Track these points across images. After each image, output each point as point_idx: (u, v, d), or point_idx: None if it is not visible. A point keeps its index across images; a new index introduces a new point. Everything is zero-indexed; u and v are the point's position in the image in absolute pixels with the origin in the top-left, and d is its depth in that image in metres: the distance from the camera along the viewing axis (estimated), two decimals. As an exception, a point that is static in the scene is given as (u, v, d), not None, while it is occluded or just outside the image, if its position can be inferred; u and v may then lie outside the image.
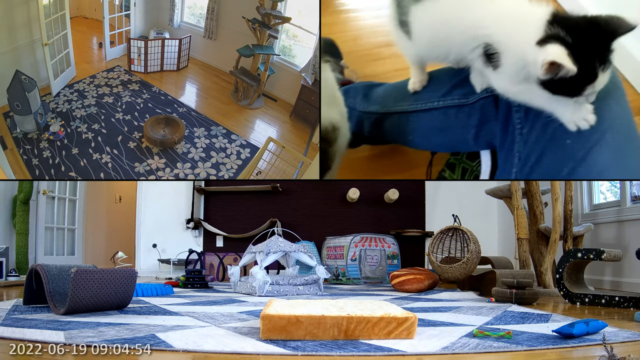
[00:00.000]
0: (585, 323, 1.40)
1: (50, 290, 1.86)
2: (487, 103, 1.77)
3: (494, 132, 1.78)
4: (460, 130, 1.85)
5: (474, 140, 1.85)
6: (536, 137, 1.61)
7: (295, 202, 4.80)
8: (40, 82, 3.26)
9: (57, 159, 2.95)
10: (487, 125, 1.79)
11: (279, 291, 2.77)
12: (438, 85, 1.91)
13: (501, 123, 1.74)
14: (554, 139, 1.58)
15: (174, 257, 4.68)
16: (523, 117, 1.67)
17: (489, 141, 1.83)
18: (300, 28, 3.65)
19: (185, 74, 4.00)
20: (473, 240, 2.98)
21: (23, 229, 4.07)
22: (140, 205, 4.99)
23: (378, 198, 4.75)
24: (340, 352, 1.17)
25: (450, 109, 1.85)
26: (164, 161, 3.07)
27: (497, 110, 1.75)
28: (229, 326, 1.56)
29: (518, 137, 1.67)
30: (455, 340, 1.34)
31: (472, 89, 1.82)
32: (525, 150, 1.64)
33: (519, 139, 1.67)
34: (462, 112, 1.82)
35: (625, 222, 3.19)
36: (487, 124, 1.79)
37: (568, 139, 1.54)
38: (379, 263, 4.00)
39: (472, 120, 1.81)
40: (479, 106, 1.78)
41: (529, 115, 1.65)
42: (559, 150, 1.56)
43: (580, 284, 2.60)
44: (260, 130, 3.46)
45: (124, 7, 3.86)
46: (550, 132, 1.58)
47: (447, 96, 1.86)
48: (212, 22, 3.94)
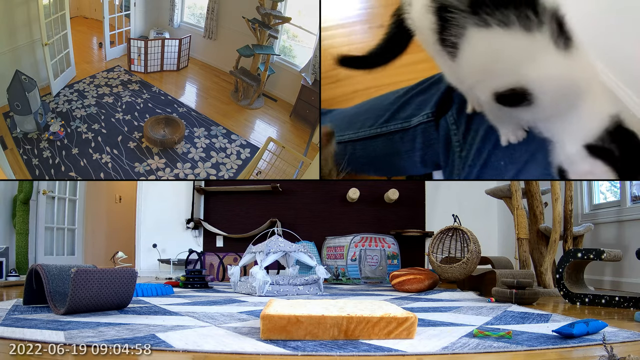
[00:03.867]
0: (585, 323, 1.40)
1: (50, 290, 1.86)
2: (428, 127, 1.86)
3: (438, 154, 1.87)
4: (407, 154, 1.93)
5: (421, 164, 1.94)
6: (472, 161, 1.72)
7: (295, 202, 4.79)
8: (40, 82, 3.26)
9: (57, 159, 2.95)
10: (431, 148, 1.88)
11: (279, 291, 2.77)
12: (380, 112, 1.96)
13: (443, 145, 1.84)
14: (488, 161, 1.69)
15: (174, 257, 4.68)
16: (461, 140, 1.77)
17: (435, 162, 1.91)
18: (300, 28, 3.65)
19: (185, 74, 3.99)
20: (473, 240, 2.98)
21: (23, 229, 4.07)
22: (140, 205, 4.99)
23: (378, 198, 4.75)
24: (340, 352, 1.17)
25: (395, 134, 1.92)
26: (164, 161, 3.07)
27: (438, 134, 1.84)
28: (229, 326, 1.56)
29: (457, 160, 1.78)
30: (455, 340, 1.34)
31: (412, 112, 1.89)
32: (464, 172, 1.75)
33: (457, 161, 1.77)
34: (407, 136, 1.90)
35: (625, 222, 3.19)
36: (431, 146, 1.87)
37: (501, 161, 1.66)
38: (379, 263, 4.00)
39: (417, 144, 1.89)
40: (420, 130, 1.87)
41: (467, 139, 1.75)
42: (493, 172, 1.67)
43: (580, 284, 2.60)
44: (260, 130, 3.45)
45: (124, 7, 3.85)
46: (485, 155, 1.69)
47: (391, 121, 1.92)
48: (212, 22, 3.94)
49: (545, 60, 1.46)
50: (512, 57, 1.49)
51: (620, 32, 2.00)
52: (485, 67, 1.55)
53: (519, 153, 1.65)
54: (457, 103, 1.82)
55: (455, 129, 1.79)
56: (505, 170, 1.65)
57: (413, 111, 1.89)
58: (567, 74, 1.46)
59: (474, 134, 1.74)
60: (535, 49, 1.46)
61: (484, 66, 1.55)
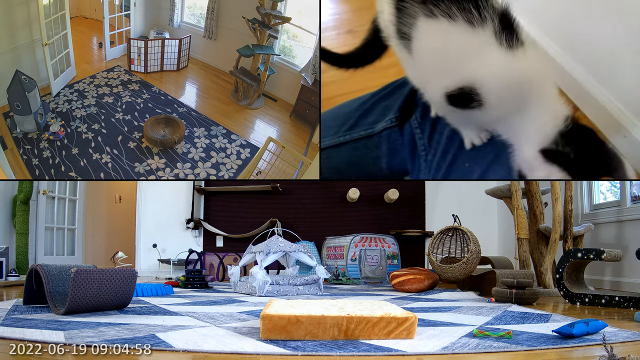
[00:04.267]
0: (585, 323, 1.40)
1: (50, 290, 1.86)
2: (392, 132, 1.83)
3: (404, 159, 1.85)
4: (373, 161, 1.90)
5: (388, 170, 1.91)
6: (437, 164, 1.70)
7: (295, 202, 4.79)
8: (40, 82, 3.26)
9: (57, 159, 2.95)
10: (397, 153, 1.85)
11: (279, 291, 2.77)
12: (344, 119, 1.93)
13: (408, 150, 1.81)
14: (454, 163, 1.67)
15: (174, 257, 4.68)
16: (427, 144, 1.75)
17: (402, 167, 1.89)
18: (300, 28, 3.65)
19: (185, 74, 3.99)
20: (473, 240, 2.98)
21: (23, 229, 4.07)
22: (140, 205, 4.99)
23: (378, 198, 4.75)
24: (340, 352, 1.17)
25: (359, 141, 1.89)
26: (164, 161, 3.07)
27: (403, 139, 1.82)
28: (229, 326, 1.56)
29: (423, 164, 1.76)
30: (455, 340, 1.34)
31: (376, 117, 1.87)
32: (430, 175, 1.73)
33: (423, 166, 1.76)
34: (371, 142, 1.87)
35: (625, 222, 3.19)
36: (396, 152, 1.85)
37: (466, 162, 1.64)
38: (379, 263, 4.00)
39: (382, 150, 1.86)
40: (385, 135, 1.84)
41: (432, 142, 1.73)
42: (459, 173, 1.66)
43: (580, 284, 2.60)
44: (260, 130, 3.45)
45: (124, 7, 3.85)
46: (451, 158, 1.68)
47: (354, 128, 1.89)
48: (212, 22, 3.94)
49: (488, 57, 1.43)
50: (459, 53, 1.47)
51: (585, 18, 1.98)
52: (436, 63, 1.53)
53: (483, 154, 1.63)
54: (420, 107, 1.80)
55: (419, 133, 1.77)
56: (470, 172, 1.64)
57: (377, 117, 1.87)
58: (512, 74, 1.43)
59: (439, 136, 1.72)
60: (478, 45, 1.43)
61: (435, 61, 1.53)
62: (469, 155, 1.64)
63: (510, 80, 1.45)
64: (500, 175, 1.60)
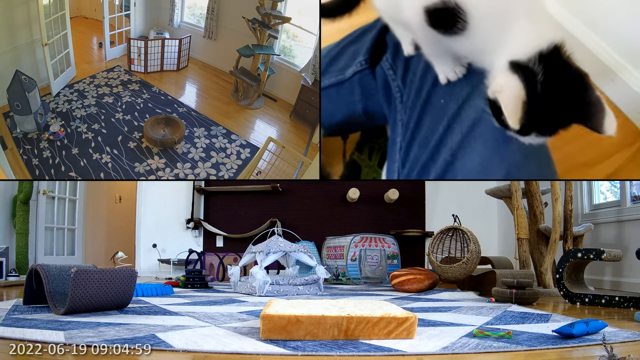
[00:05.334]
0: (585, 323, 1.40)
1: (50, 290, 1.86)
2: (364, 75, 1.76)
3: (380, 104, 1.77)
4: (347, 108, 1.83)
5: (365, 116, 1.84)
6: (412, 103, 1.63)
7: (295, 202, 4.79)
8: (40, 82, 3.26)
9: (57, 159, 2.95)
10: (372, 98, 1.78)
11: (279, 291, 2.77)
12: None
13: (383, 93, 1.74)
14: (429, 101, 1.60)
15: (174, 257, 4.68)
16: (401, 85, 1.68)
17: (381, 113, 1.81)
18: (300, 28, 3.65)
19: (185, 74, 3.99)
20: (473, 240, 2.98)
21: (23, 229, 4.07)
22: (140, 205, 4.99)
23: (378, 198, 4.75)
24: (340, 352, 1.17)
25: (330, 88, 1.82)
26: (164, 161, 3.07)
27: (376, 82, 1.74)
28: (229, 326, 1.56)
29: (399, 106, 1.68)
30: (455, 340, 1.34)
31: (346, 63, 1.79)
32: (406, 116, 1.66)
33: (399, 107, 1.68)
34: (343, 89, 1.80)
35: (625, 222, 3.19)
36: (371, 97, 1.78)
37: (442, 99, 1.57)
38: (379, 263, 4.00)
39: (355, 96, 1.80)
40: (357, 80, 1.77)
41: (406, 82, 1.66)
42: (435, 110, 1.59)
43: (580, 284, 2.60)
44: (260, 130, 3.45)
45: (124, 7, 3.85)
46: (425, 95, 1.61)
47: (324, 76, 1.83)
48: (212, 22, 3.94)
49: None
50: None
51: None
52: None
53: (458, 89, 1.57)
54: (391, 47, 1.72)
55: (392, 74, 1.70)
56: (446, 108, 1.56)
57: (346, 62, 1.79)
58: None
59: (412, 75, 1.65)
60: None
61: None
62: (443, 92, 1.58)
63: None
64: (477, 108, 1.52)
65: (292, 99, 3.61)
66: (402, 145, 1.67)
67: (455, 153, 1.53)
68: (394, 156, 1.71)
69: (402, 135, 1.67)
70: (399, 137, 1.68)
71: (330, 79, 1.81)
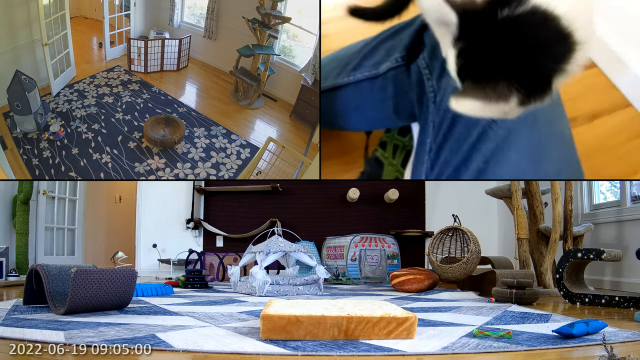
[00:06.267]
0: (585, 323, 1.40)
1: (50, 290, 1.86)
2: (399, 72, 1.69)
3: (412, 103, 1.71)
4: (378, 104, 1.76)
5: (395, 114, 1.77)
6: (446, 105, 1.54)
7: (295, 202, 4.79)
8: (40, 82, 3.26)
9: (57, 159, 2.95)
10: (405, 96, 1.71)
11: (279, 291, 2.77)
12: (346, 60, 1.80)
13: (416, 93, 1.68)
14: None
15: (174, 257, 4.68)
16: (435, 85, 1.61)
17: (411, 112, 1.75)
18: (300, 28, 3.65)
19: (185, 74, 3.99)
20: (473, 240, 2.98)
21: (23, 229, 4.07)
22: (140, 205, 4.99)
23: (378, 198, 4.75)
24: (340, 352, 1.17)
25: (362, 82, 1.75)
26: (164, 161, 3.07)
27: (410, 80, 1.68)
28: (229, 326, 1.56)
29: (432, 106, 1.62)
30: (455, 340, 1.34)
31: (381, 58, 1.72)
32: (438, 118, 1.59)
33: (432, 108, 1.61)
34: (376, 85, 1.73)
35: (625, 222, 3.19)
36: (404, 95, 1.71)
37: None
38: (379, 263, 4.00)
39: (387, 93, 1.73)
40: (391, 77, 1.71)
41: (441, 83, 1.59)
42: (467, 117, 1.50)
43: (580, 284, 2.60)
44: (260, 130, 3.45)
45: (124, 7, 3.85)
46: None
47: (357, 69, 1.76)
48: (212, 22, 3.94)
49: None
50: None
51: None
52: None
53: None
54: (429, 46, 1.65)
55: (428, 73, 1.63)
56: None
57: (382, 57, 1.73)
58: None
59: (448, 77, 1.55)
60: None
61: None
62: None
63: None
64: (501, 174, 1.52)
65: (292, 99, 3.61)
66: (432, 147, 1.61)
67: (488, 160, 1.48)
68: (422, 157, 1.65)
69: (432, 137, 1.60)
70: (429, 138, 1.62)
71: (363, 72, 1.75)
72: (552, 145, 1.52)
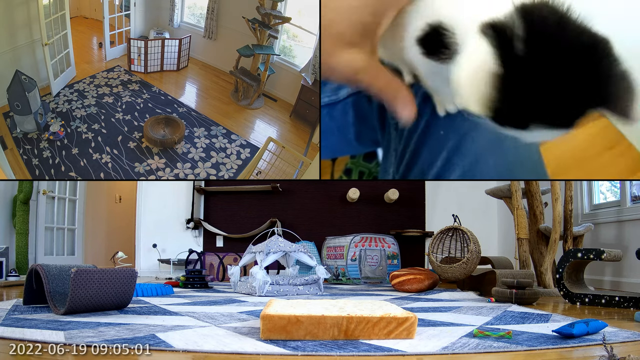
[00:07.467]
0: (585, 323, 1.40)
1: (50, 290, 1.86)
2: (359, 98, 1.64)
3: (374, 129, 1.66)
4: (339, 131, 1.71)
5: (357, 141, 1.73)
6: (409, 131, 1.50)
7: (295, 202, 4.80)
8: (40, 82, 3.26)
9: (57, 159, 2.95)
10: (366, 122, 1.66)
11: (279, 291, 2.77)
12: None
13: (377, 119, 1.63)
14: (427, 131, 1.48)
15: (174, 257, 4.68)
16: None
17: (374, 139, 1.70)
18: (300, 28, 3.65)
19: (185, 74, 3.99)
20: (473, 240, 2.98)
21: (23, 229, 4.07)
22: (140, 205, 4.99)
23: (378, 198, 4.75)
24: (340, 352, 1.17)
25: (322, 108, 1.71)
26: (164, 161, 3.07)
27: (370, 105, 1.63)
28: (229, 326, 1.56)
29: (394, 133, 1.57)
30: (455, 340, 1.34)
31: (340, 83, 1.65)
32: (401, 145, 1.54)
33: (394, 135, 1.56)
34: (336, 111, 1.69)
35: (625, 222, 3.19)
36: (365, 121, 1.66)
37: (441, 130, 1.45)
38: (379, 263, 4.00)
39: (348, 118, 1.68)
40: (351, 102, 1.66)
41: None
42: (433, 142, 1.46)
43: (580, 284, 2.60)
44: (260, 130, 3.45)
45: (124, 7, 3.85)
46: (423, 124, 1.47)
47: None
48: (212, 22, 3.94)
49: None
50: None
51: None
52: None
53: (459, 120, 1.41)
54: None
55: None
56: (446, 139, 1.43)
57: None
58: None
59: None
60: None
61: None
62: (443, 122, 1.45)
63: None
64: (483, 141, 1.40)
65: (292, 99, 3.61)
66: (395, 176, 1.56)
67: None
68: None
69: (395, 166, 1.56)
70: (392, 167, 1.57)
71: (323, 98, 1.71)
72: (520, 164, 1.45)
